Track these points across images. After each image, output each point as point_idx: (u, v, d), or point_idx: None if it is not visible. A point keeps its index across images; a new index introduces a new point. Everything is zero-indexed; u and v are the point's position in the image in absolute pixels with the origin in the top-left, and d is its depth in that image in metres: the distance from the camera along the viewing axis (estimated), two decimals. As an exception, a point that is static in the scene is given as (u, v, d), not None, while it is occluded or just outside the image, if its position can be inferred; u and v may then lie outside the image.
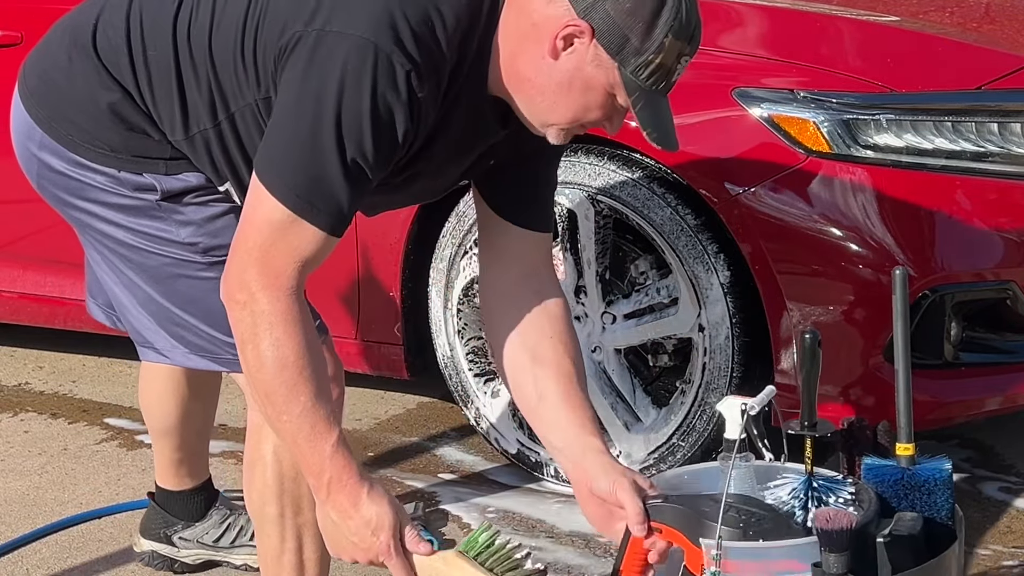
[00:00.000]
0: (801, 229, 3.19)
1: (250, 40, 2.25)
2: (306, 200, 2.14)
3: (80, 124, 2.44)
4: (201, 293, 2.42)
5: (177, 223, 2.43)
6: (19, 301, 4.20)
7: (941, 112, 3.21)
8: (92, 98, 2.42)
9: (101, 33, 2.43)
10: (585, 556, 3.23)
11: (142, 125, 2.41)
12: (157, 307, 2.48)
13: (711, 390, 3.34)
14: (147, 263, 2.46)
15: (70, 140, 2.45)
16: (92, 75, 2.42)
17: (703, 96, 3.30)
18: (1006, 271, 3.24)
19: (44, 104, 2.49)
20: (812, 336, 2.44)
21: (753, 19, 3.57)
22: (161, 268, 2.45)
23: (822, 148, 3.17)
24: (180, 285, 2.44)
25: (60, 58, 2.48)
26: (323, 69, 2.11)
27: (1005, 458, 3.67)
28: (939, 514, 2.36)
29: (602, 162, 3.37)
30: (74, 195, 2.48)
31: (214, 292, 2.24)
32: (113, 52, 2.41)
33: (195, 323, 2.45)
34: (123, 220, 2.45)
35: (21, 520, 3.48)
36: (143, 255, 2.46)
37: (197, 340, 2.47)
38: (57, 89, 2.48)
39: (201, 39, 2.32)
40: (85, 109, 2.43)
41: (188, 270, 2.43)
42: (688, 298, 3.34)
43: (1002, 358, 3.32)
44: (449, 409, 4.03)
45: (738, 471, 2.42)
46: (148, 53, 2.37)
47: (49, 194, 2.55)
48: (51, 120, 2.47)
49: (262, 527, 2.54)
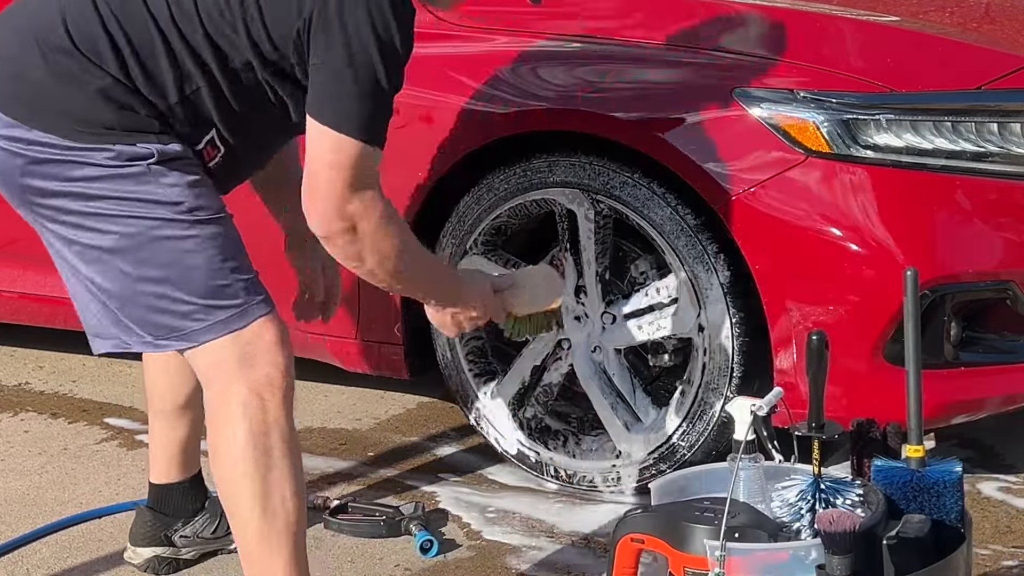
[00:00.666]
0: (801, 229, 3.19)
1: (253, 10, 2.54)
2: (376, 130, 2.54)
3: (70, 112, 2.56)
4: (181, 255, 2.58)
5: (165, 185, 2.58)
6: (19, 301, 4.20)
7: (941, 112, 3.21)
8: (80, 88, 2.56)
9: (74, 29, 2.57)
10: (585, 556, 3.23)
11: (131, 103, 2.57)
12: (125, 288, 2.61)
13: (711, 390, 3.35)
14: (128, 231, 2.58)
15: (59, 127, 2.57)
16: (75, 68, 2.56)
17: (703, 96, 3.30)
18: (1006, 271, 3.25)
19: (24, 103, 2.59)
20: (819, 337, 2.45)
21: (753, 19, 3.57)
22: (145, 232, 2.58)
23: (822, 148, 3.17)
24: (162, 248, 2.58)
25: (32, 60, 2.59)
26: (357, 29, 2.47)
27: (1005, 458, 3.67)
28: (948, 516, 2.36)
29: (602, 162, 3.37)
30: (59, 180, 2.58)
31: (196, 252, 2.57)
32: (92, 43, 2.56)
33: (168, 293, 2.59)
34: (109, 191, 2.57)
35: (21, 520, 3.48)
36: (125, 223, 2.58)
37: (162, 319, 2.61)
38: (38, 86, 2.58)
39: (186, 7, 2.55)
40: (73, 97, 2.56)
41: (172, 230, 2.58)
42: (688, 298, 3.34)
43: (1002, 358, 3.32)
44: (449, 409, 4.03)
45: (747, 472, 2.43)
46: (128, 32, 2.55)
47: (28, 190, 2.62)
48: (34, 114, 2.57)
49: (237, 491, 2.61)
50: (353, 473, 3.71)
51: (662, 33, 3.46)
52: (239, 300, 2.60)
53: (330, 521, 3.36)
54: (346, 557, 3.25)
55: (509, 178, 3.47)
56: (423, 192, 3.51)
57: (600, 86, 3.36)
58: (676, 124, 3.28)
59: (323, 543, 3.32)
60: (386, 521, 3.33)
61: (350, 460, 3.80)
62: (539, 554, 3.25)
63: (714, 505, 2.43)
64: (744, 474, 2.46)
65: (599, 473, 3.51)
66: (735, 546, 2.33)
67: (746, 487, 2.47)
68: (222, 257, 2.60)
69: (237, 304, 2.60)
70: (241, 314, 2.60)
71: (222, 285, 2.59)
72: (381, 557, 3.25)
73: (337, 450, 3.86)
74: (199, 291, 2.58)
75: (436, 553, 3.23)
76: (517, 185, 3.47)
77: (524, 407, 3.62)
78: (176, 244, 2.58)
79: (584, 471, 3.53)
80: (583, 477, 3.53)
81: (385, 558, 3.24)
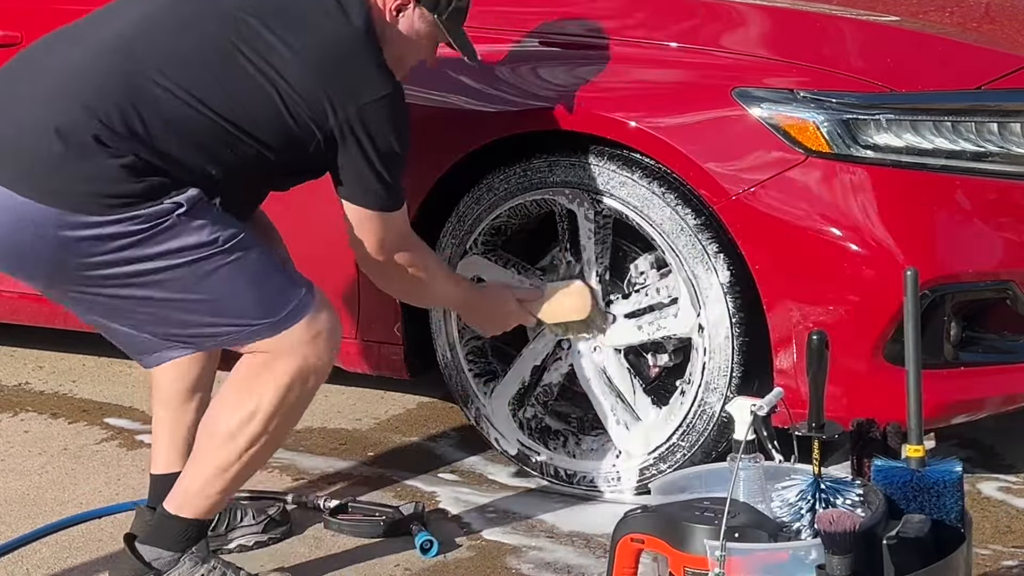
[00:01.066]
0: (801, 229, 3.19)
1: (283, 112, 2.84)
2: (400, 195, 3.00)
3: (96, 189, 2.72)
4: (229, 282, 2.80)
5: (196, 228, 2.77)
6: (19, 301, 4.19)
7: (941, 112, 3.21)
8: (106, 168, 2.72)
9: (99, 126, 2.72)
10: (585, 556, 3.23)
11: (154, 173, 2.75)
12: (178, 324, 2.85)
13: (711, 390, 3.35)
14: (173, 279, 2.78)
15: (89, 204, 2.72)
16: (101, 156, 2.72)
17: (703, 96, 3.30)
18: (1006, 271, 3.25)
19: (48, 186, 2.72)
20: (819, 337, 2.45)
21: (753, 19, 3.57)
22: (189, 275, 2.78)
23: (822, 148, 3.17)
24: (210, 281, 2.79)
25: (51, 148, 2.72)
26: (379, 128, 2.87)
27: (1005, 458, 3.67)
28: (948, 516, 2.36)
29: (602, 162, 3.37)
30: (97, 254, 2.74)
31: (242, 275, 2.80)
32: (117, 134, 2.73)
33: (222, 320, 2.83)
34: (147, 252, 2.75)
35: (21, 520, 3.48)
36: (169, 274, 2.77)
37: (218, 338, 2.88)
38: (63, 169, 2.72)
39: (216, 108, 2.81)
40: (99, 176, 2.72)
41: (215, 263, 2.78)
42: (688, 298, 3.34)
43: (1002, 358, 3.32)
44: (449, 409, 4.03)
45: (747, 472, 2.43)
46: (153, 124, 2.76)
47: (64, 268, 2.78)
48: (63, 195, 2.72)
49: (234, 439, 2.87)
50: (353, 473, 3.71)
51: (662, 33, 3.46)
52: (290, 305, 2.83)
53: (330, 521, 3.36)
54: (346, 557, 3.25)
55: (509, 178, 3.47)
56: (423, 192, 3.51)
57: (600, 86, 3.36)
58: (676, 124, 3.28)
59: (323, 543, 3.32)
60: (386, 521, 3.33)
61: (350, 460, 3.80)
62: (539, 554, 3.25)
63: (714, 505, 2.43)
64: (744, 474, 2.46)
65: (599, 473, 3.51)
66: (735, 546, 2.33)
67: (746, 487, 2.47)
68: (265, 271, 2.84)
69: (288, 309, 2.83)
70: (291, 315, 2.82)
71: (273, 294, 2.83)
72: (381, 557, 3.25)
73: (337, 450, 3.86)
74: (252, 308, 2.82)
75: (436, 553, 3.23)
76: (517, 185, 3.47)
77: (524, 407, 3.61)
78: (223, 273, 2.79)
79: (584, 471, 3.53)
80: (583, 477, 3.53)
81: (385, 558, 3.24)
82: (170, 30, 2.85)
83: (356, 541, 3.32)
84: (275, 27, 2.83)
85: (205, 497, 2.92)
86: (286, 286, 2.85)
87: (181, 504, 2.93)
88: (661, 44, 3.43)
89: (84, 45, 2.85)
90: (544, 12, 3.60)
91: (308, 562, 3.24)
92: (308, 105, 2.83)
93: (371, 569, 3.21)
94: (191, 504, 2.93)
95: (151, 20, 2.87)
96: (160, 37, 2.84)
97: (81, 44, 2.86)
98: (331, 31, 2.86)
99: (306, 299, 2.85)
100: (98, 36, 2.86)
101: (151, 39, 2.83)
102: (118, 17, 2.91)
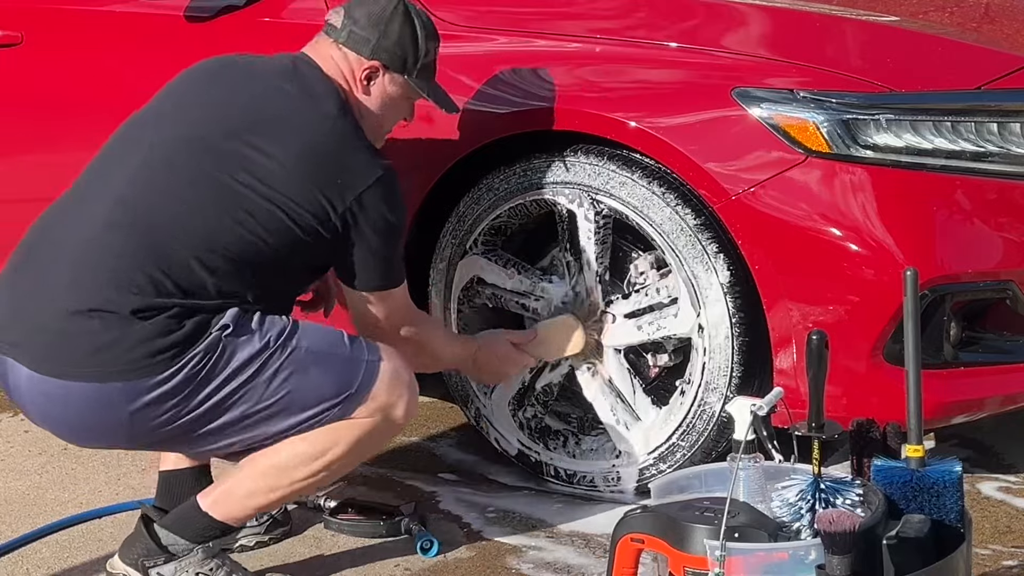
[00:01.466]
0: (801, 229, 3.19)
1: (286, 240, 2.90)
2: (400, 271, 3.06)
3: (147, 350, 2.77)
4: (293, 372, 2.86)
5: (244, 342, 2.84)
6: (19, 301, 4.19)
7: (941, 112, 3.21)
8: (149, 329, 2.78)
9: (132, 298, 2.78)
10: (585, 556, 3.23)
11: (196, 312, 2.82)
12: (256, 433, 2.90)
13: (711, 390, 3.35)
14: (239, 397, 2.85)
15: (147, 367, 2.78)
16: (141, 321, 2.78)
17: (703, 96, 3.30)
18: (1006, 271, 3.24)
19: (103, 366, 2.78)
20: (819, 337, 2.44)
21: (753, 19, 3.57)
22: (254, 388, 2.84)
23: (822, 148, 3.17)
24: (274, 384, 2.85)
25: (92, 331, 2.78)
26: (377, 211, 2.92)
27: (1005, 458, 3.68)
28: (948, 516, 2.36)
29: (602, 162, 3.37)
30: (174, 407, 2.82)
31: (300, 364, 2.86)
32: (150, 297, 2.80)
33: (301, 414, 2.89)
34: (209, 388, 2.82)
35: (21, 520, 3.48)
36: (235, 396, 2.84)
37: (302, 426, 2.91)
38: (112, 347, 2.78)
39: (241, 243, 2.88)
40: (145, 337, 2.78)
41: (273, 366, 2.85)
42: (688, 298, 3.34)
43: (1002, 358, 3.32)
44: (449, 409, 4.03)
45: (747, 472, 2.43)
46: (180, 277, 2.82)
47: (152, 428, 2.85)
48: (119, 368, 2.78)
49: (295, 469, 2.92)
50: (353, 473, 3.71)
51: (662, 33, 3.46)
52: (360, 372, 2.90)
53: (330, 521, 3.36)
54: (346, 557, 3.25)
55: (509, 178, 3.47)
56: (423, 192, 3.51)
57: (600, 86, 3.36)
58: (676, 124, 3.28)
59: (323, 543, 3.32)
60: (386, 521, 3.33)
61: (350, 460, 3.79)
62: (539, 554, 3.25)
63: (714, 505, 2.43)
64: (744, 474, 2.46)
65: (599, 473, 3.51)
66: (735, 546, 2.33)
67: (746, 487, 2.47)
68: (322, 350, 2.89)
69: (360, 378, 2.89)
70: (365, 382, 2.90)
71: (339, 370, 2.89)
72: (381, 557, 3.25)
73: (337, 450, 3.86)
74: (328, 389, 2.88)
75: (436, 553, 3.23)
76: (517, 185, 3.47)
77: (524, 407, 3.62)
78: (285, 370, 2.85)
79: (584, 471, 3.53)
80: (583, 477, 3.53)
81: (385, 558, 3.24)
82: (170, 189, 2.89)
83: (356, 541, 3.32)
84: (259, 144, 2.89)
85: (242, 506, 2.97)
86: (348, 356, 2.91)
87: (216, 502, 2.96)
88: (661, 44, 3.43)
89: (91, 216, 2.88)
90: (544, 12, 3.60)
91: (308, 562, 3.24)
92: (309, 209, 2.88)
93: (371, 569, 3.21)
94: (226, 506, 2.96)
95: (150, 181, 2.90)
96: (163, 201, 2.87)
97: (88, 214, 2.89)
98: (310, 132, 2.93)
99: (372, 360, 2.92)
100: (103, 203, 2.89)
101: (154, 204, 2.87)
102: (117, 174, 2.94)
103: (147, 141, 2.96)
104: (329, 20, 3.13)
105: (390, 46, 3.07)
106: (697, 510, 2.45)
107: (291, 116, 2.95)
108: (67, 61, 3.97)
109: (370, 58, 3.06)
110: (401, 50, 3.07)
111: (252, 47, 3.56)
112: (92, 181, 2.98)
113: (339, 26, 3.09)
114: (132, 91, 3.84)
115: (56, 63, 3.98)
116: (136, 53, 3.88)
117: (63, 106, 3.96)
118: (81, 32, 3.97)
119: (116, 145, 3.03)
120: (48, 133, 4.00)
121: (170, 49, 3.79)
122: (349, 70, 3.07)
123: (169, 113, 3.01)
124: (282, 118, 2.94)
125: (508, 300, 3.59)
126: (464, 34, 3.54)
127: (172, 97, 3.06)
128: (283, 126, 2.93)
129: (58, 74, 3.98)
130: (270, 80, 3.02)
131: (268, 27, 3.70)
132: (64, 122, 3.96)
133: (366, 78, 3.07)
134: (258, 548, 3.28)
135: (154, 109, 3.05)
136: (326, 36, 3.11)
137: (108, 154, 3.02)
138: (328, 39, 3.10)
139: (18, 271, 2.92)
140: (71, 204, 2.96)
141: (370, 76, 3.08)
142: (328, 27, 3.11)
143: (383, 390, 2.90)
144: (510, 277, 3.55)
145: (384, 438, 3.02)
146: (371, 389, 2.89)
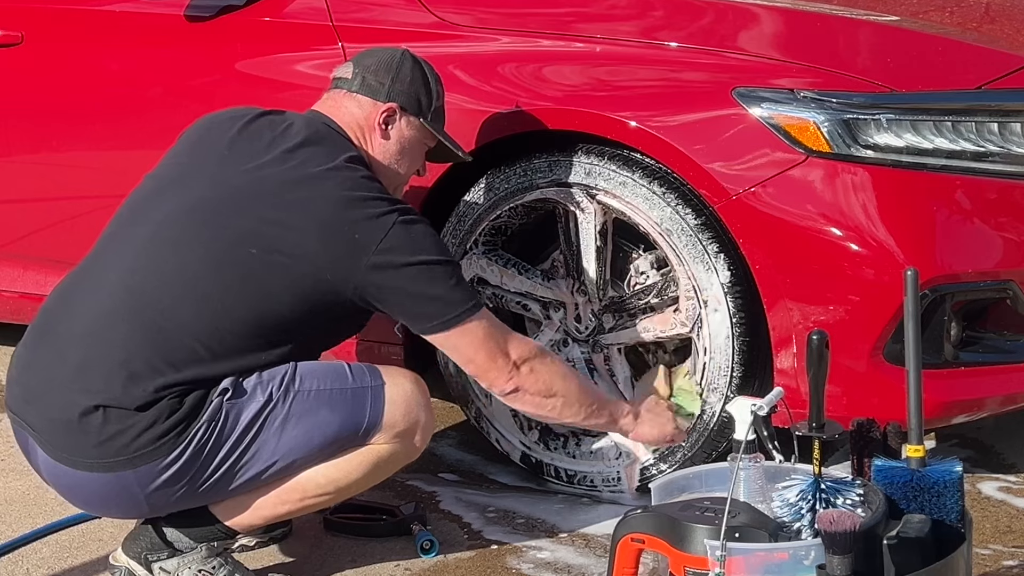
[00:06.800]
0: (802, 229, 3.19)
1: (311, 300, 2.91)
2: (469, 292, 2.96)
3: (153, 435, 2.82)
4: (299, 420, 2.89)
5: (246, 399, 2.86)
6: (19, 301, 4.19)
7: (941, 112, 3.21)
8: (152, 414, 2.82)
9: (139, 393, 2.81)
10: (585, 556, 3.23)
11: (197, 386, 2.84)
12: (274, 479, 2.94)
13: (711, 390, 3.35)
14: (252, 452, 2.88)
15: (155, 450, 2.83)
16: (145, 410, 2.82)
17: (703, 96, 3.30)
18: (1006, 271, 3.25)
19: (116, 456, 2.83)
20: (819, 337, 2.44)
21: (753, 19, 3.57)
22: (265, 442, 2.88)
23: (822, 148, 3.18)
24: (288, 431, 2.88)
25: (102, 425, 2.82)
26: (402, 257, 2.87)
27: (1005, 458, 3.68)
28: (948, 516, 2.36)
29: (602, 162, 3.37)
30: (188, 480, 2.86)
31: (304, 410, 2.88)
32: (155, 387, 2.82)
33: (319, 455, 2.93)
34: (221, 453, 2.86)
35: (21, 520, 3.48)
36: (247, 454, 2.88)
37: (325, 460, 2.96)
38: (121, 436, 2.82)
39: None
40: (151, 423, 2.82)
41: (280, 415, 2.88)
42: (688, 298, 3.34)
43: (1002, 358, 3.32)
44: (449, 409, 4.02)
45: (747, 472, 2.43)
46: (187, 366, 2.84)
47: (172, 502, 2.91)
48: (129, 457, 2.83)
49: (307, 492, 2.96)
50: (353, 473, 3.71)
51: (662, 33, 3.46)
52: (367, 405, 2.92)
53: (330, 521, 3.36)
54: (346, 557, 3.25)
55: (509, 178, 3.47)
56: (423, 192, 3.51)
57: (600, 86, 3.36)
58: (676, 124, 3.28)
59: (323, 543, 3.32)
60: (386, 521, 3.33)
61: (350, 460, 3.79)
62: (539, 554, 3.25)
63: (714, 505, 2.43)
64: (744, 474, 2.46)
65: (599, 474, 3.51)
66: (735, 546, 2.33)
67: (746, 487, 2.47)
68: (325, 389, 2.91)
69: (368, 410, 2.92)
70: (373, 413, 2.92)
71: (347, 407, 2.91)
72: (381, 557, 3.25)
73: (337, 450, 3.86)
74: (337, 428, 2.90)
75: (436, 553, 3.24)
76: (517, 185, 3.47)
77: (524, 407, 3.61)
78: (292, 418, 2.88)
79: (584, 471, 3.53)
80: (583, 477, 3.53)
81: (385, 558, 3.24)
82: (178, 270, 2.88)
83: (356, 541, 3.32)
84: (274, 217, 2.88)
85: (251, 515, 2.99)
86: (354, 388, 2.93)
87: (226, 508, 2.98)
88: (661, 44, 3.43)
89: (99, 304, 2.89)
90: (545, 12, 3.60)
91: (308, 562, 3.24)
92: (329, 270, 2.86)
93: (371, 569, 3.21)
94: (235, 513, 2.98)
95: (157, 261, 2.90)
96: (170, 286, 2.87)
97: (97, 299, 2.90)
98: (323, 196, 2.89)
99: (376, 385, 2.94)
100: (111, 287, 2.89)
101: (160, 289, 2.87)
102: (127, 251, 2.93)
103: (155, 217, 2.94)
104: (337, 74, 3.15)
105: (405, 89, 3.10)
106: (698, 510, 2.45)
107: (308, 184, 2.92)
108: (67, 61, 3.97)
109: (386, 101, 3.09)
110: (415, 92, 3.11)
111: (252, 47, 3.56)
112: (106, 254, 2.97)
113: (350, 76, 3.12)
114: (132, 91, 3.86)
115: (56, 63, 3.98)
116: (136, 53, 3.88)
117: (63, 106, 3.96)
118: (81, 32, 3.96)
119: (127, 214, 3.02)
120: (48, 133, 4.00)
121: (170, 48, 3.80)
122: (364, 117, 3.09)
123: (177, 181, 2.99)
124: (299, 185, 2.92)
125: (509, 300, 3.59)
126: (465, 33, 3.54)
127: (181, 162, 3.04)
128: (293, 192, 2.90)
129: (58, 74, 3.98)
130: (277, 145, 2.99)
131: (268, 26, 3.70)
132: (64, 122, 3.96)
133: (384, 122, 3.09)
134: (258, 548, 3.28)
135: (163, 175, 3.04)
136: (337, 89, 3.13)
137: (121, 223, 3.01)
138: (340, 91, 3.12)
139: (34, 352, 2.95)
140: (86, 282, 2.95)
141: (388, 120, 3.10)
142: (338, 80, 3.14)
143: (399, 417, 2.94)
144: (511, 277, 3.55)
145: (401, 462, 3.03)
146: (383, 417, 2.92)
